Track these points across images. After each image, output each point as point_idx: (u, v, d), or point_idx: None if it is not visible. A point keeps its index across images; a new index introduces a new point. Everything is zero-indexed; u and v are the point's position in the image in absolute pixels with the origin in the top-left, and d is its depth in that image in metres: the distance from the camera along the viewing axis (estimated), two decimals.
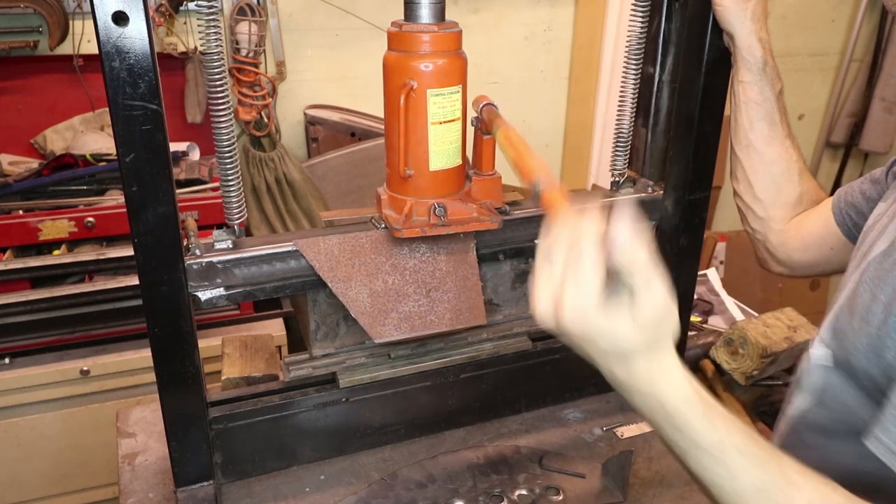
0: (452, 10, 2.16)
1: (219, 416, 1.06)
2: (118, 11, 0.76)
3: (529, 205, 1.16)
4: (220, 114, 0.93)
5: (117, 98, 0.80)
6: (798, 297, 2.99)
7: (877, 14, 3.26)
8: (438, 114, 0.95)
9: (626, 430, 1.23)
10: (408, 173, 0.97)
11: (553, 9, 2.84)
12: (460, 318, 1.09)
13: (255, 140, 2.37)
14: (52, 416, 1.97)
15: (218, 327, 2.08)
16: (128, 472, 1.14)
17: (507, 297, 1.22)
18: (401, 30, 0.94)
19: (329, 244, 1.01)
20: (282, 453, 1.13)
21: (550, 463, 1.14)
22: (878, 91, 3.25)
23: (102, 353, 1.99)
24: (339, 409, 1.13)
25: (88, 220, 1.96)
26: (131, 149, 0.82)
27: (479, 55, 2.77)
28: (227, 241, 0.99)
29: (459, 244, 1.08)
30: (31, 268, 1.90)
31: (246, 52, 2.22)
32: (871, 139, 3.32)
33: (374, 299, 1.04)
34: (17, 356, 1.95)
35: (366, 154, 2.47)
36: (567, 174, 3.13)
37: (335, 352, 1.13)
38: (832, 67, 3.37)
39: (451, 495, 1.08)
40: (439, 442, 1.20)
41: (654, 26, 1.13)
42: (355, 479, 1.12)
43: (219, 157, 0.96)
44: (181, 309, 0.93)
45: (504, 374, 1.22)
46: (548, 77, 2.96)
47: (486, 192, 1.06)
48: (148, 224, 0.87)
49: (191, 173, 2.18)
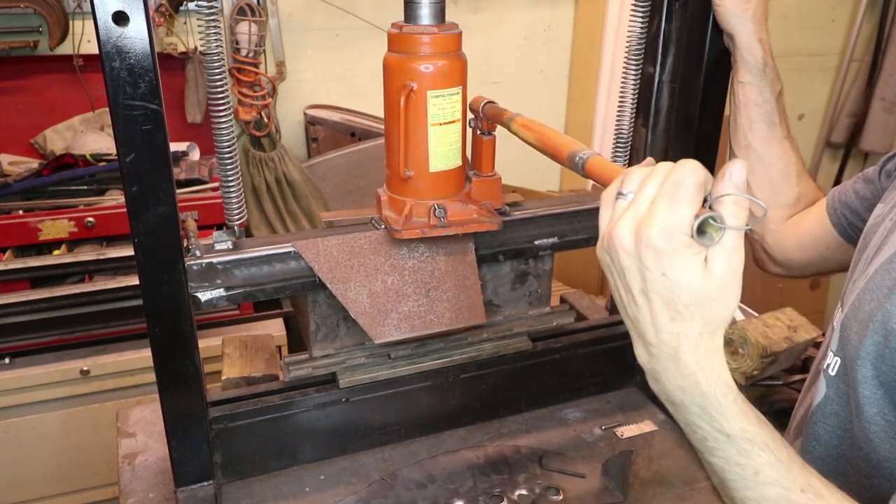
0: (452, 11, 2.16)
1: (219, 416, 1.06)
2: (118, 11, 0.76)
3: (529, 206, 1.16)
4: (220, 114, 0.93)
5: (117, 98, 0.80)
6: (798, 297, 2.99)
7: (877, 14, 3.26)
8: (438, 115, 0.95)
9: (626, 430, 1.23)
10: (408, 174, 0.97)
11: (553, 9, 2.84)
12: (460, 318, 1.09)
13: (255, 140, 2.37)
14: (52, 416, 1.97)
15: (218, 327, 2.09)
16: (128, 472, 1.14)
17: (507, 298, 1.22)
18: (401, 31, 0.94)
19: (328, 245, 1.02)
20: (282, 453, 1.13)
21: (550, 463, 1.14)
22: (878, 91, 3.25)
23: (102, 353, 1.99)
24: (339, 409, 1.13)
25: (88, 220, 1.96)
26: (131, 149, 0.82)
27: (479, 55, 2.77)
28: (227, 242, 0.99)
29: (458, 244, 1.08)
30: (31, 268, 1.91)
31: (246, 52, 2.22)
32: (871, 139, 3.32)
33: (374, 300, 1.04)
34: (17, 356, 1.95)
35: (366, 154, 2.47)
36: (567, 174, 3.14)
37: (335, 352, 1.13)
38: (832, 67, 3.37)
39: (451, 495, 1.08)
40: (439, 442, 1.20)
41: (654, 26, 1.13)
42: (355, 479, 1.12)
43: (219, 157, 0.96)
44: (181, 309, 0.93)
45: (504, 374, 1.22)
46: (547, 77, 2.96)
47: (486, 193, 1.06)
48: (148, 224, 0.87)
49: (191, 173, 2.18)
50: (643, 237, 0.60)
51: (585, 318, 1.38)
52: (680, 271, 0.60)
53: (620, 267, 0.63)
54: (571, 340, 1.26)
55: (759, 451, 0.63)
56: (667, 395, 0.66)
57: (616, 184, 0.65)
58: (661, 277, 0.60)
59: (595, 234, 1.15)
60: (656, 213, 0.59)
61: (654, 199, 0.60)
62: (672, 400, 0.66)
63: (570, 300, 1.46)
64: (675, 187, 0.59)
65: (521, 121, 0.94)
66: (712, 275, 0.60)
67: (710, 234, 0.60)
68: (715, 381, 0.63)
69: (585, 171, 0.76)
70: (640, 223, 0.60)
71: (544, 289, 1.24)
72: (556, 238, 1.15)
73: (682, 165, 0.60)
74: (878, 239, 0.90)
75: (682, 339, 0.62)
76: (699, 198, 0.59)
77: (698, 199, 0.59)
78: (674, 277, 0.60)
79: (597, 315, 1.39)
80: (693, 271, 0.60)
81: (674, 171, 0.60)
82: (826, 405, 0.93)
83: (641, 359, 0.67)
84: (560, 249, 1.16)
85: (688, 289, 0.60)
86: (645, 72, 1.16)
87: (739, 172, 0.60)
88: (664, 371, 0.65)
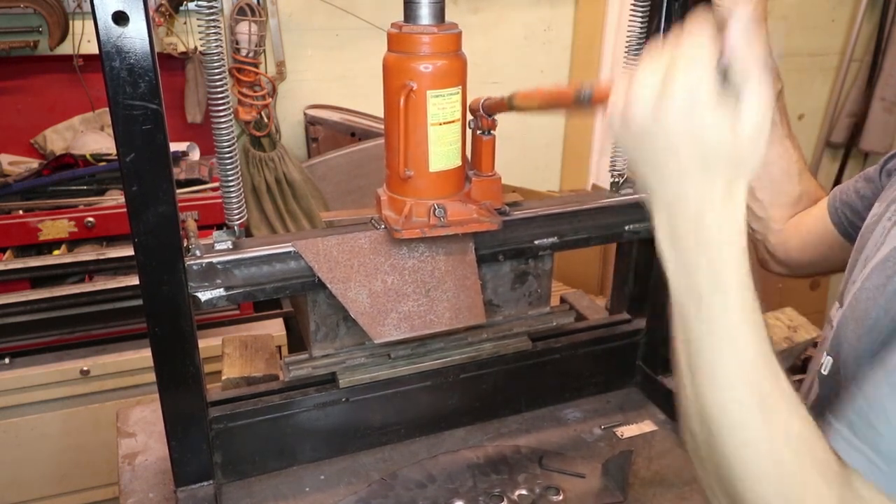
0: (452, 11, 2.16)
1: (219, 416, 1.06)
2: (118, 11, 0.76)
3: (529, 206, 1.16)
4: (220, 114, 0.93)
5: (117, 98, 0.80)
6: (798, 297, 2.98)
7: (877, 14, 3.26)
8: (438, 115, 0.95)
9: (626, 430, 1.23)
10: (407, 174, 0.97)
11: (553, 9, 2.84)
12: (460, 317, 1.09)
13: (255, 140, 2.37)
14: (52, 416, 1.97)
15: (218, 327, 2.08)
16: (128, 472, 1.14)
17: (507, 298, 1.22)
18: (400, 31, 0.94)
19: (328, 245, 1.02)
20: (282, 453, 1.13)
21: (550, 463, 1.14)
22: (878, 91, 3.25)
23: (102, 353, 1.99)
24: (339, 409, 1.13)
25: (88, 220, 1.96)
26: (131, 149, 0.82)
27: (479, 55, 2.77)
28: (227, 242, 0.99)
29: (458, 243, 1.08)
30: (31, 268, 1.91)
31: (246, 52, 2.22)
32: (871, 139, 3.32)
33: (374, 299, 1.04)
34: (17, 356, 1.95)
35: (366, 154, 2.47)
36: (567, 174, 3.14)
37: (335, 352, 1.13)
38: (832, 67, 3.37)
39: (451, 495, 1.08)
40: (439, 442, 1.20)
41: (654, 26, 1.13)
42: (355, 479, 1.12)
43: (219, 157, 0.96)
44: (181, 309, 0.93)
45: (504, 374, 1.22)
46: (548, 77, 2.96)
47: (486, 192, 1.06)
48: (148, 224, 0.87)
49: (191, 173, 2.18)
50: (667, 94, 0.60)
51: (585, 318, 1.38)
52: (710, 123, 0.59)
53: (642, 131, 0.62)
54: (571, 340, 1.26)
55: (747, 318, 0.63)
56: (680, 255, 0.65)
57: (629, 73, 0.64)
58: (689, 132, 0.60)
59: (595, 234, 1.17)
60: (677, 70, 0.59)
61: (671, 59, 0.60)
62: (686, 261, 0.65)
63: (570, 300, 1.46)
64: (692, 43, 0.59)
65: (521, 94, 0.93)
66: (742, 123, 0.59)
67: (733, 83, 0.60)
68: (734, 236, 0.62)
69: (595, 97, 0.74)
70: (663, 82, 0.60)
71: (544, 289, 1.24)
72: (556, 238, 1.15)
73: (692, 24, 0.60)
74: (877, 238, 0.90)
75: (709, 194, 0.62)
76: (715, 52, 0.59)
77: (714, 54, 0.59)
78: (704, 130, 0.60)
79: (597, 315, 1.40)
80: (723, 122, 0.59)
81: (685, 33, 0.60)
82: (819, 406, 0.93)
83: (661, 224, 0.66)
84: (560, 249, 1.16)
85: (719, 140, 0.60)
86: None
87: (744, 13, 0.59)
88: (686, 231, 0.64)
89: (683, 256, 0.65)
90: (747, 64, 0.59)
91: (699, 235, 0.63)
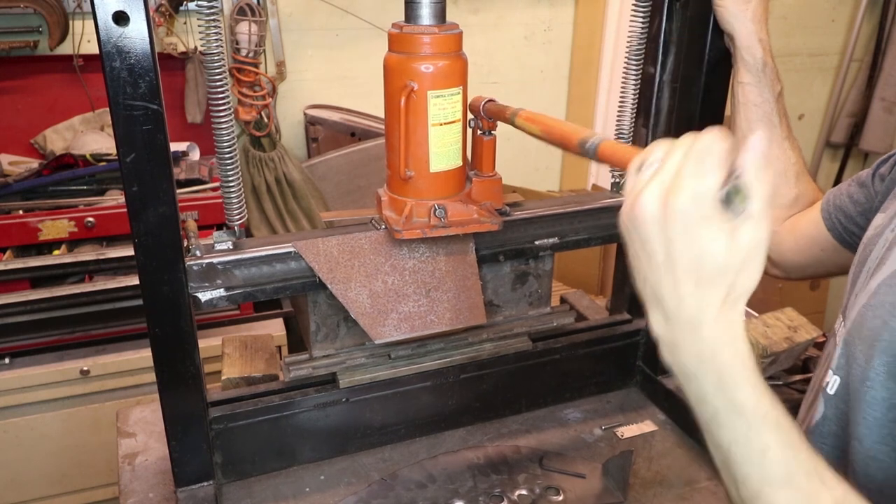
0: (452, 11, 2.16)
1: (219, 416, 1.06)
2: (118, 11, 0.76)
3: (529, 206, 1.16)
4: (220, 114, 0.93)
5: (118, 98, 0.80)
6: (798, 297, 2.98)
7: (877, 14, 3.26)
8: (439, 115, 0.95)
9: (626, 430, 1.23)
10: (408, 175, 0.97)
11: (553, 9, 2.84)
12: (460, 318, 1.09)
13: (255, 140, 2.37)
14: (52, 416, 1.97)
15: (218, 327, 2.08)
16: (128, 472, 1.14)
17: (508, 298, 1.22)
18: (401, 31, 0.93)
19: (328, 245, 1.01)
20: (282, 453, 1.13)
21: (550, 463, 1.14)
22: (878, 91, 3.25)
23: (102, 353, 1.99)
24: (339, 409, 1.13)
25: (88, 220, 1.96)
26: (131, 149, 0.82)
27: (479, 55, 2.77)
28: (228, 242, 0.99)
29: (458, 244, 1.08)
30: (31, 268, 1.91)
31: (246, 52, 2.23)
32: (871, 139, 3.32)
33: (374, 300, 1.04)
34: (17, 356, 1.95)
35: (366, 154, 2.47)
36: (567, 174, 3.14)
37: (335, 352, 1.13)
38: (832, 67, 3.37)
39: (451, 495, 1.08)
40: (439, 442, 1.20)
41: (654, 26, 1.13)
42: (355, 479, 1.12)
43: (219, 157, 0.96)
44: (181, 309, 0.93)
45: (504, 374, 1.22)
46: (548, 77, 2.96)
47: (487, 193, 1.06)
48: (148, 224, 0.87)
49: (191, 173, 2.18)
50: (670, 204, 0.59)
51: (585, 319, 1.38)
52: (708, 239, 0.59)
53: (645, 234, 0.62)
54: (571, 341, 1.26)
55: (771, 428, 0.62)
56: (682, 366, 0.65)
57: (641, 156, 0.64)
58: (687, 245, 0.60)
59: (595, 234, 1.16)
60: (683, 181, 0.59)
61: (679, 168, 0.60)
62: (687, 371, 0.65)
63: (570, 300, 1.46)
64: (702, 156, 0.59)
65: (525, 114, 0.94)
66: (738, 244, 0.59)
67: (735, 204, 0.60)
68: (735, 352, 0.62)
69: (598, 156, 0.74)
70: (667, 191, 0.60)
71: (544, 289, 1.24)
72: (557, 238, 1.15)
73: (707, 135, 0.60)
74: (879, 251, 0.89)
75: (704, 308, 0.61)
76: (725, 167, 0.59)
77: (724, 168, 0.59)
78: (701, 245, 0.59)
79: (597, 315, 1.40)
80: (720, 239, 0.59)
81: (699, 141, 0.60)
82: (823, 425, 0.92)
83: (658, 329, 0.65)
84: (560, 249, 1.16)
85: (714, 256, 0.59)
86: (645, 72, 1.16)
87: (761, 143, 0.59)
88: (682, 341, 0.64)
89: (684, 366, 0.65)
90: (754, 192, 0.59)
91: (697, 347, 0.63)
